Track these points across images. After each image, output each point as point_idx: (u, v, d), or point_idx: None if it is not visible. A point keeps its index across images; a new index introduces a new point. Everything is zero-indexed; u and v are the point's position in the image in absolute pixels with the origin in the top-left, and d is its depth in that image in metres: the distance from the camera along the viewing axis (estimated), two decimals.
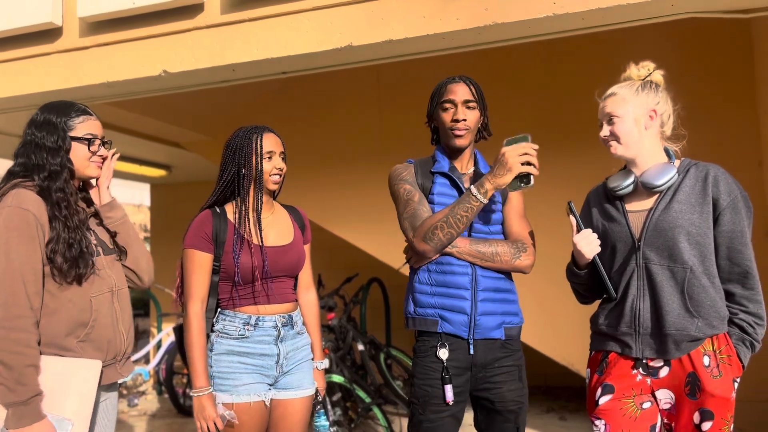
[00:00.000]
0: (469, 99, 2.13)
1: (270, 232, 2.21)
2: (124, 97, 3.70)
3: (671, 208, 1.88)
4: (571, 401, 5.61)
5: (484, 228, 2.14)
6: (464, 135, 2.13)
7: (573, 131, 4.39)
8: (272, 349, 2.13)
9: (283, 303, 2.19)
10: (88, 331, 1.83)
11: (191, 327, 2.07)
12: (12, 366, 1.67)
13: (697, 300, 1.85)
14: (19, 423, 1.68)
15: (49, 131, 1.88)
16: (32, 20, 3.38)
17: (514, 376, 2.11)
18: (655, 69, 2.01)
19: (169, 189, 8.17)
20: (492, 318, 2.08)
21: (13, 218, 1.74)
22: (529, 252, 2.13)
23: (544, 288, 4.41)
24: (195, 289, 2.09)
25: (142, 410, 5.62)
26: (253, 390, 2.09)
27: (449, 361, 2.06)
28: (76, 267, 1.80)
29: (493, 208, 2.16)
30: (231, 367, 2.09)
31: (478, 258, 2.07)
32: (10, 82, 3.60)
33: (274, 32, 3.05)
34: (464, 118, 2.11)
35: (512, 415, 2.10)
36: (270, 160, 2.15)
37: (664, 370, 1.89)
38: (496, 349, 2.09)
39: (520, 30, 2.78)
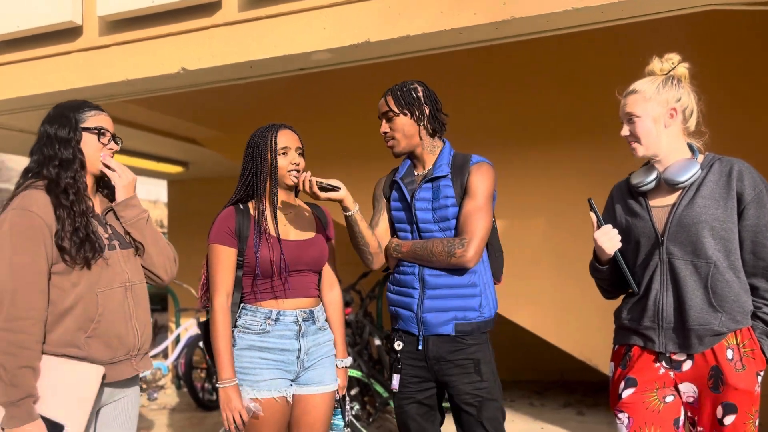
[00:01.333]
0: (384, 111, 2.24)
1: (291, 226, 2.23)
2: (143, 94, 3.74)
3: (695, 203, 1.87)
4: (588, 396, 5.59)
5: (432, 226, 2.18)
6: (393, 144, 2.24)
7: (592, 127, 4.36)
8: (293, 344, 2.15)
9: (304, 298, 2.21)
10: (95, 326, 1.85)
11: (217, 320, 2.10)
12: (6, 367, 1.69)
13: (720, 295, 1.84)
14: (9, 423, 1.70)
15: (61, 124, 1.92)
16: (52, 19, 3.42)
17: (468, 369, 2.11)
18: (680, 62, 1.98)
19: (186, 185, 8.22)
20: (439, 314, 2.13)
21: (17, 221, 1.77)
22: (468, 248, 2.07)
23: (562, 283, 4.40)
24: (220, 283, 2.13)
25: (161, 404, 5.69)
26: (274, 386, 2.12)
27: (404, 353, 2.20)
28: (83, 249, 1.82)
29: (443, 204, 2.16)
30: (252, 362, 2.12)
31: (416, 259, 2.16)
32: (31, 81, 3.64)
33: (292, 29, 3.06)
34: (385, 131, 2.24)
35: (472, 408, 2.10)
36: (285, 155, 2.18)
37: (687, 363, 1.89)
38: (446, 344, 2.13)
39: (539, 24, 2.76)
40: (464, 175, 2.17)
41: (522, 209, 4.59)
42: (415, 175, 2.27)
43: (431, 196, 2.18)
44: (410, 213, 2.22)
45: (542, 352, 5.67)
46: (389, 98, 2.23)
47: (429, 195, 2.19)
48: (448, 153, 2.24)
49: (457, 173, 2.18)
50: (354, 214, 2.14)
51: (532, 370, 6.28)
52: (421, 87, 2.25)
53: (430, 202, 2.18)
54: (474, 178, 2.15)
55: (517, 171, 4.59)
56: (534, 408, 5.27)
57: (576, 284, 4.32)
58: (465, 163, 2.19)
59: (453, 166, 2.20)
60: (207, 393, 5.59)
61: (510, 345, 6.20)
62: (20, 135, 5.29)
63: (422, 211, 2.19)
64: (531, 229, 4.57)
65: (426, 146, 2.24)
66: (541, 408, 5.27)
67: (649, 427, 1.92)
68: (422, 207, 2.19)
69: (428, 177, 2.20)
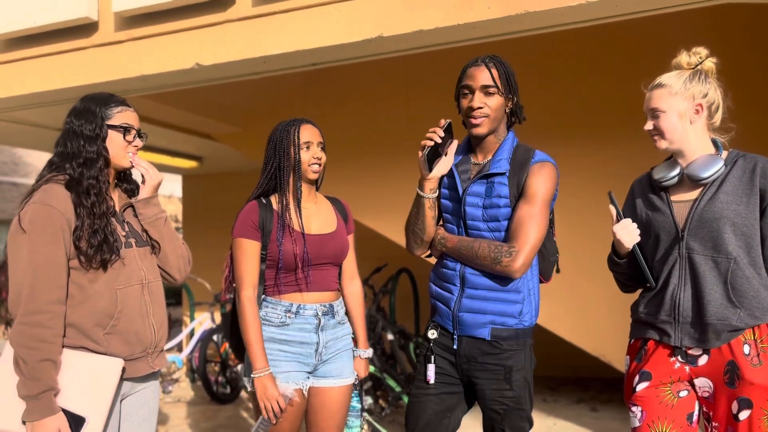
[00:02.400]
0: (488, 84, 1.99)
1: (313, 220, 2.25)
2: (158, 89, 3.77)
3: (717, 199, 1.85)
4: (601, 392, 5.57)
5: (481, 224, 2.04)
6: (481, 123, 2.01)
7: (605, 124, 4.33)
8: (312, 338, 2.18)
9: (324, 291, 2.23)
10: (113, 323, 1.85)
11: (246, 312, 2.13)
12: (27, 360, 1.70)
13: (740, 290, 1.83)
14: (31, 416, 1.71)
15: (87, 119, 1.91)
16: (68, 15, 3.45)
17: (498, 376, 2.01)
18: (708, 57, 1.93)
19: (200, 180, 8.28)
20: (476, 316, 2.02)
21: (36, 215, 1.77)
22: (517, 257, 1.92)
23: (576, 280, 4.38)
24: (246, 275, 2.16)
25: (176, 397, 5.74)
26: (291, 378, 2.15)
27: (437, 343, 2.11)
28: (100, 252, 1.82)
29: (495, 203, 2.01)
30: (271, 354, 2.14)
31: (460, 257, 2.04)
32: (47, 77, 3.68)
33: (305, 24, 3.06)
34: (480, 105, 2.00)
35: (496, 415, 2.02)
36: (308, 150, 2.20)
37: (703, 358, 1.88)
38: (481, 346, 2.03)
39: (553, 18, 2.75)
40: (523, 174, 1.99)
41: None
42: (472, 163, 2.10)
43: (484, 192, 2.03)
44: (459, 206, 2.06)
45: (555, 348, 5.65)
46: (494, 71, 2.00)
47: (482, 191, 2.03)
48: (510, 145, 2.06)
49: (515, 170, 2.01)
50: (429, 198, 2.06)
51: (546, 365, 6.23)
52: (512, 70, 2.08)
53: (482, 199, 2.02)
54: (533, 179, 1.98)
55: None
56: (547, 404, 5.26)
57: (590, 281, 4.31)
58: (526, 160, 2.01)
59: (513, 162, 2.02)
60: (221, 386, 5.63)
61: None
62: (37, 130, 5.35)
63: (472, 207, 2.03)
64: None
65: (498, 134, 2.08)
66: (554, 404, 5.26)
67: (662, 422, 1.92)
68: (473, 203, 2.03)
69: (484, 172, 2.03)
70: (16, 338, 1.72)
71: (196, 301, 6.67)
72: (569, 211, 4.49)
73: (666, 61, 2.02)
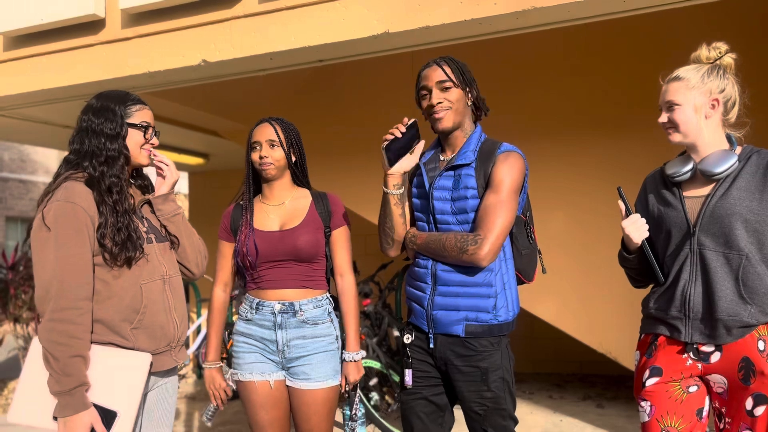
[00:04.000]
0: (443, 80, 2.02)
1: (277, 218, 2.27)
2: (165, 86, 3.77)
3: (729, 195, 1.84)
4: (608, 389, 5.56)
5: (450, 218, 2.04)
6: (444, 115, 2.03)
7: (612, 119, 4.31)
8: (270, 335, 2.22)
9: (284, 289, 2.22)
10: (140, 317, 1.87)
11: (211, 306, 2.34)
12: (58, 357, 1.71)
13: (751, 287, 1.82)
14: (63, 412, 1.72)
15: (107, 118, 1.92)
16: (76, 12, 3.46)
17: (475, 378, 1.98)
18: (727, 51, 1.91)
19: (207, 177, 8.29)
20: (450, 313, 2.01)
21: (61, 213, 1.78)
22: (483, 245, 1.91)
23: (582, 277, 4.37)
24: (218, 274, 2.36)
25: (182, 393, 5.76)
26: (255, 369, 2.23)
27: (414, 347, 2.11)
28: (125, 250, 1.83)
29: (463, 194, 2.01)
30: (239, 346, 2.28)
31: (429, 252, 2.03)
32: (54, 74, 3.69)
33: (311, 20, 3.06)
34: (439, 100, 2.02)
35: (477, 416, 2.00)
36: (255, 150, 2.27)
37: (716, 355, 1.87)
38: (455, 347, 2.01)
39: (560, 14, 2.73)
40: (489, 164, 1.99)
41: (541, 203, 4.55)
42: (440, 160, 2.12)
43: (451, 185, 2.03)
44: (428, 202, 2.08)
45: (562, 345, 5.65)
46: (446, 67, 2.03)
47: (449, 184, 2.04)
48: (477, 139, 2.07)
49: (482, 161, 2.00)
50: (398, 193, 2.06)
51: (552, 362, 6.26)
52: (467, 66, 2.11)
53: (450, 192, 2.03)
54: (499, 168, 1.97)
55: (536, 164, 4.55)
56: (553, 401, 5.26)
57: (596, 277, 4.30)
58: (492, 151, 2.01)
59: (479, 154, 2.03)
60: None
61: (530, 338, 6.20)
62: (44, 127, 5.37)
63: (440, 201, 2.04)
64: (550, 222, 4.54)
65: (464, 129, 2.08)
66: (560, 401, 5.25)
67: (671, 417, 1.91)
68: (441, 197, 2.04)
69: (451, 164, 2.04)
70: (47, 335, 1.73)
71: (202, 297, 6.69)
72: (577, 209, 4.48)
73: (678, 55, 2.01)
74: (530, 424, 4.60)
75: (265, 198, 2.31)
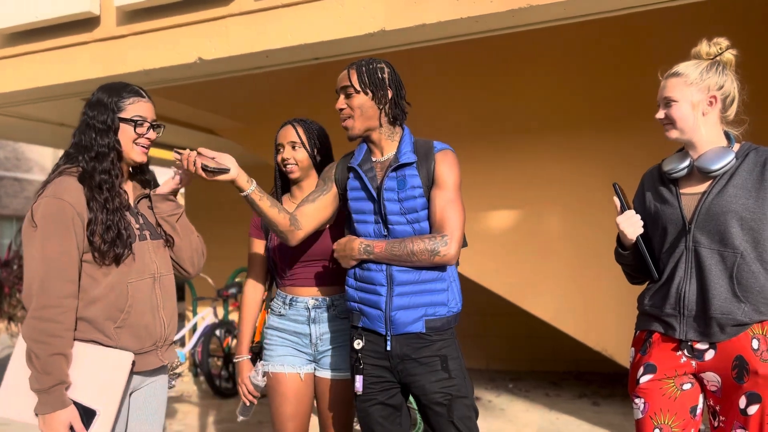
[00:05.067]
0: (345, 85, 2.04)
1: None
2: (160, 84, 3.76)
3: (725, 192, 1.83)
4: (603, 387, 5.57)
5: (399, 218, 2.03)
6: (347, 124, 2.05)
7: (610, 115, 4.32)
8: (304, 329, 2.28)
9: (318, 286, 2.28)
10: (124, 317, 1.85)
11: (243, 301, 2.40)
12: (39, 355, 1.70)
13: (745, 285, 1.82)
14: (42, 409, 1.72)
15: (99, 111, 1.89)
16: (70, 9, 3.45)
17: (434, 367, 2.01)
18: (728, 48, 1.90)
19: None
20: (409, 312, 2.01)
21: (48, 209, 1.76)
22: (451, 244, 1.96)
23: (579, 274, 4.38)
24: (250, 269, 2.43)
25: (178, 392, 5.75)
26: (287, 362, 2.29)
27: (365, 352, 2.07)
28: (114, 247, 1.82)
29: (411, 194, 2.02)
30: (271, 339, 2.33)
31: (394, 261, 2.00)
32: (49, 71, 3.68)
33: (308, 18, 3.05)
34: (342, 107, 2.05)
35: (441, 408, 2.00)
36: (279, 152, 2.31)
37: (710, 353, 1.87)
38: (412, 341, 2.02)
39: (556, 12, 2.73)
40: (429, 163, 2.04)
41: (538, 199, 4.56)
42: (374, 161, 2.11)
43: (396, 185, 2.04)
44: (377, 203, 2.06)
45: (558, 343, 5.65)
46: (352, 73, 2.04)
47: (394, 185, 2.04)
48: (409, 139, 2.09)
49: (421, 160, 2.04)
50: (249, 193, 1.97)
51: (548, 360, 6.27)
52: (388, 68, 2.08)
53: (396, 192, 2.03)
54: (442, 168, 2.03)
55: (534, 160, 4.57)
56: (549, 398, 5.27)
57: (592, 275, 4.31)
58: (429, 150, 2.06)
59: (417, 153, 2.06)
60: (223, 381, 5.64)
61: (525, 336, 6.21)
62: (39, 125, 5.35)
63: (390, 202, 2.04)
64: (547, 219, 4.54)
65: (384, 132, 2.08)
66: (556, 398, 5.26)
67: (665, 414, 1.91)
68: (390, 197, 2.04)
69: (394, 165, 2.04)
70: (28, 332, 1.72)
71: (198, 296, 6.68)
72: (574, 206, 4.48)
73: (677, 51, 2.00)
74: (526, 422, 4.61)
75: (294, 198, 2.36)
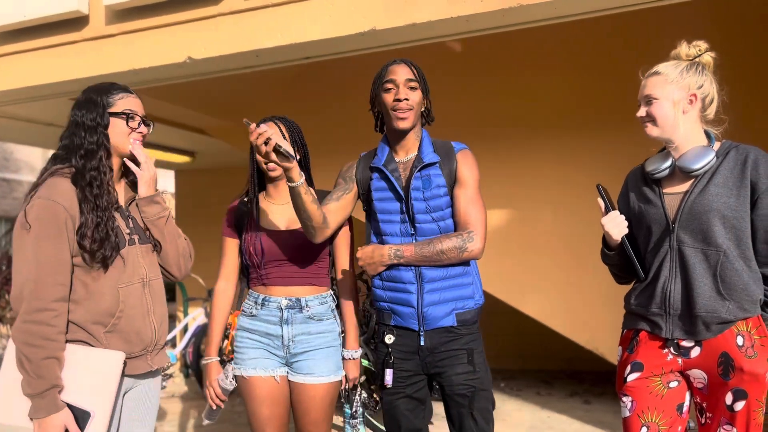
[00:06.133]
0: (411, 78, 2.10)
1: (283, 217, 2.28)
2: (150, 84, 3.74)
3: (707, 191, 1.85)
4: (595, 385, 5.60)
5: (426, 216, 2.10)
6: (407, 116, 2.09)
7: (600, 115, 4.33)
8: (276, 330, 2.22)
9: (292, 286, 2.23)
10: (115, 321, 1.84)
11: (214, 302, 2.32)
12: (31, 359, 1.69)
13: (729, 283, 1.83)
14: (37, 414, 1.70)
15: (89, 109, 1.88)
16: (59, 9, 3.43)
17: (461, 360, 2.10)
18: (707, 50, 1.94)
19: (194, 175, 8.24)
20: (441, 307, 2.09)
21: (40, 212, 1.75)
22: (477, 240, 2.05)
23: (569, 273, 4.39)
24: (221, 269, 2.34)
25: (170, 392, 5.73)
26: (259, 365, 2.23)
27: (395, 346, 2.15)
28: (102, 248, 1.80)
29: (436, 193, 2.10)
30: (242, 342, 2.26)
31: (425, 262, 2.06)
32: (38, 71, 3.65)
33: (298, 17, 3.05)
34: (406, 97, 2.08)
35: (464, 399, 2.09)
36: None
37: (696, 350, 1.88)
38: (443, 335, 2.11)
39: (546, 11, 2.74)
40: (452, 163, 2.12)
41: (529, 198, 4.58)
42: (397, 162, 2.17)
43: (422, 185, 2.11)
44: (404, 203, 2.12)
45: (549, 342, 5.67)
46: (414, 69, 2.12)
47: (420, 184, 2.11)
48: (428, 140, 2.17)
49: (444, 160, 2.12)
50: (299, 185, 2.00)
51: (539, 359, 6.29)
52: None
53: (422, 192, 2.11)
54: (463, 167, 2.12)
55: (525, 159, 4.58)
56: (541, 397, 5.28)
57: (583, 273, 4.32)
58: (449, 150, 2.15)
59: (439, 153, 2.14)
60: None
61: (517, 334, 6.23)
62: (27, 125, 5.31)
63: (417, 201, 2.11)
64: (538, 218, 4.56)
65: (416, 131, 2.17)
66: (548, 397, 5.28)
67: (652, 412, 1.93)
68: (417, 197, 2.11)
69: (419, 164, 2.11)
70: (20, 336, 1.70)
71: (189, 296, 6.65)
72: (563, 206, 4.50)
73: (661, 54, 2.02)
74: (517, 420, 4.62)
75: (271, 197, 2.31)
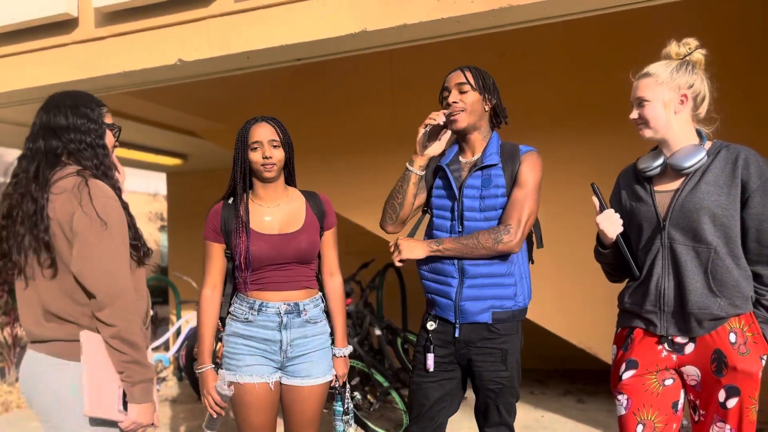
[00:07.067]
0: (461, 82, 2.20)
1: (275, 220, 2.23)
2: (140, 86, 3.72)
3: (698, 189, 1.87)
4: (589, 384, 5.61)
5: (477, 215, 2.18)
6: (459, 117, 2.20)
7: (593, 115, 4.35)
8: (275, 335, 2.19)
9: (289, 291, 2.21)
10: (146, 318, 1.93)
11: (202, 309, 2.24)
12: (140, 347, 1.78)
13: (720, 280, 1.85)
14: (144, 398, 1.80)
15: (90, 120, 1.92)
16: (48, 11, 3.40)
17: (496, 358, 2.18)
18: (697, 48, 1.95)
19: (185, 177, 8.21)
20: (477, 303, 2.16)
21: (115, 211, 1.80)
22: (512, 232, 2.11)
23: (563, 272, 4.40)
24: (207, 276, 2.26)
25: (162, 396, 5.70)
26: (255, 371, 2.19)
27: (435, 333, 2.25)
28: (144, 247, 1.91)
29: (494, 193, 2.17)
30: (236, 348, 2.21)
31: (462, 252, 2.14)
32: (27, 74, 3.63)
33: (288, 18, 3.04)
34: (455, 100, 2.20)
35: (491, 393, 2.19)
36: (256, 150, 2.17)
37: (689, 346, 1.90)
38: (480, 330, 2.18)
39: (537, 11, 2.74)
40: (515, 164, 2.18)
41: None
42: (461, 162, 2.27)
43: (480, 184, 2.18)
44: (455, 201, 2.20)
45: (543, 341, 5.67)
46: (467, 73, 2.22)
47: (478, 183, 2.19)
48: (496, 142, 2.25)
49: (507, 162, 2.19)
50: (417, 173, 2.22)
51: (533, 358, 6.27)
52: (492, 78, 2.29)
53: (479, 191, 2.18)
54: (524, 168, 2.18)
55: None
56: (534, 396, 5.29)
57: (576, 273, 4.33)
58: (515, 152, 2.21)
59: (502, 155, 2.21)
60: None
61: None
62: (17, 128, 5.27)
63: (470, 199, 2.18)
64: None
65: (482, 133, 2.26)
66: (541, 396, 5.29)
67: (648, 409, 1.94)
68: (470, 195, 2.18)
69: (479, 165, 2.19)
70: (128, 327, 1.76)
71: (182, 299, 6.62)
72: (555, 205, 4.50)
73: (652, 53, 2.03)
74: None
75: (260, 199, 2.25)
